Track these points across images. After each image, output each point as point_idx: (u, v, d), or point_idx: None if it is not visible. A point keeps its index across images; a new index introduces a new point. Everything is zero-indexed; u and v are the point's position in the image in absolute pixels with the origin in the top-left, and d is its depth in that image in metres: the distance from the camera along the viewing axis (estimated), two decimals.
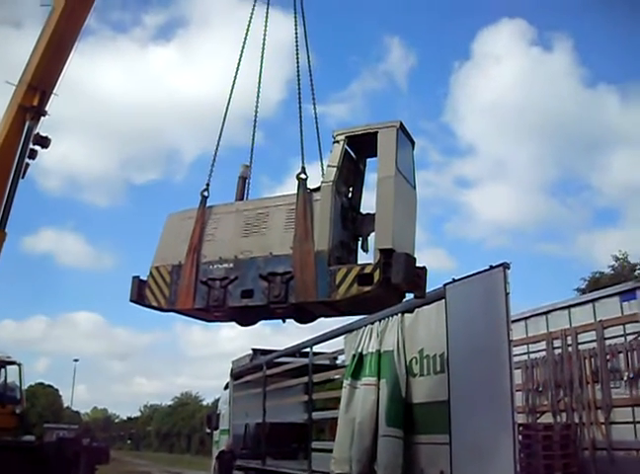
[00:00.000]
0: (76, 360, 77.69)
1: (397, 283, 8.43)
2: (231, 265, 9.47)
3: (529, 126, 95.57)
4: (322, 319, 9.96)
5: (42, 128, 15.07)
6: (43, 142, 15.26)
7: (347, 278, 8.53)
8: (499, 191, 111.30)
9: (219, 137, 10.56)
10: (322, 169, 9.77)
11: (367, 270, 8.50)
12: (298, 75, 9.97)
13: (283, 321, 9.98)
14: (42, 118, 14.93)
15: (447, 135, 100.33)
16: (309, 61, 10.25)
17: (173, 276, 9.89)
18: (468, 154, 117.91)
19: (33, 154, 15.17)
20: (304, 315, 9.78)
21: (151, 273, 10.17)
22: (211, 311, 9.72)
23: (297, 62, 10.09)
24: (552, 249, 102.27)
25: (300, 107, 9.93)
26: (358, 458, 11.10)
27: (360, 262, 9.25)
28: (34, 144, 15.03)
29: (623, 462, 10.42)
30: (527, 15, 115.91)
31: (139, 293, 10.12)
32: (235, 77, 10.66)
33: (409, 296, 10.22)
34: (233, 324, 10.37)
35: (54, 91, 14.73)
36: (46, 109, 14.81)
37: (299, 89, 9.91)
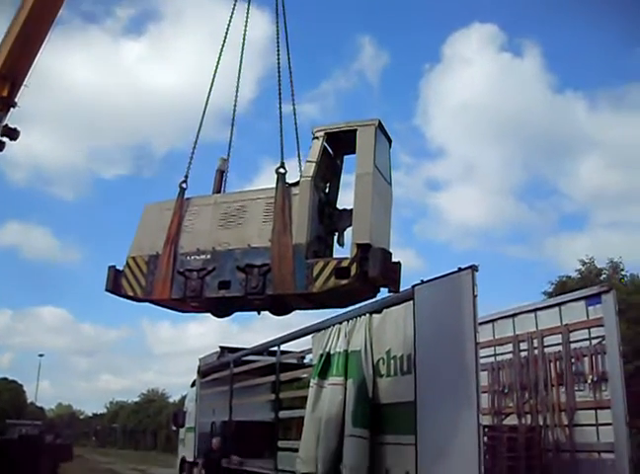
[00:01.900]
0: (41, 356, 77.01)
1: (373, 277, 8.66)
2: (209, 256, 9.63)
3: (499, 131, 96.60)
4: (290, 319, 10.04)
5: (10, 120, 14.82)
6: (12, 134, 14.98)
7: (324, 272, 8.77)
8: (468, 193, 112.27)
9: (199, 129, 10.72)
10: (300, 164, 10.05)
11: (344, 263, 8.74)
12: (279, 71, 10.18)
13: (259, 313, 10.13)
14: (12, 109, 14.68)
15: (417, 137, 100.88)
16: (289, 59, 10.44)
17: (150, 266, 10.00)
18: (438, 156, 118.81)
19: (0, 146, 14.94)
20: (280, 307, 9.95)
21: (127, 262, 10.25)
22: (188, 302, 9.87)
23: (278, 58, 10.28)
24: (520, 252, 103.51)
25: (280, 102, 10.18)
26: (323, 458, 11.09)
27: (335, 256, 9.45)
28: (2, 136, 14.78)
29: (585, 464, 10.53)
30: (499, 20, 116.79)
31: (115, 283, 10.21)
32: (215, 73, 10.77)
33: (378, 296, 10.37)
34: (201, 321, 10.52)
35: (25, 82, 14.50)
36: (16, 100, 14.57)
37: (279, 85, 10.16)
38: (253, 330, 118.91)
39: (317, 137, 9.52)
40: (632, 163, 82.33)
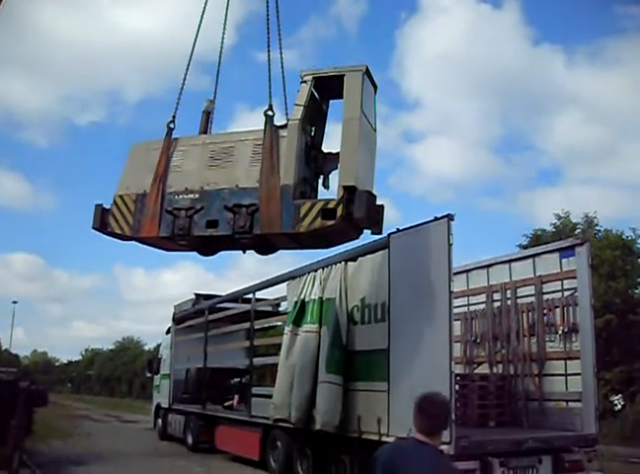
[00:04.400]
0: (15, 303, 76.41)
1: (358, 219, 8.89)
2: (197, 195, 9.79)
3: (476, 82, 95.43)
4: (265, 269, 10.17)
5: None
6: None
7: (311, 212, 9.02)
8: (444, 145, 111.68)
9: (187, 69, 10.65)
10: (286, 108, 10.08)
11: (331, 205, 8.99)
12: (267, 14, 10.04)
13: (244, 252, 10.39)
14: None
15: (394, 88, 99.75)
16: (277, 3, 10.22)
17: (137, 204, 10.13)
18: (414, 108, 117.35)
19: None
20: (266, 247, 10.21)
21: (115, 201, 10.33)
22: (176, 240, 10.02)
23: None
24: (495, 205, 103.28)
25: (269, 45, 10.08)
26: (297, 404, 11.23)
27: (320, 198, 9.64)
28: None
29: (553, 412, 10.71)
30: None
31: (102, 221, 10.32)
32: (201, 19, 10.65)
33: (353, 244, 10.44)
34: (176, 269, 10.59)
35: None
36: None
37: (268, 27, 10.04)
38: (228, 278, 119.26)
39: (305, 81, 9.61)
40: (608, 119, 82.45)
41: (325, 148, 10.21)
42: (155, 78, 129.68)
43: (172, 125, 10.45)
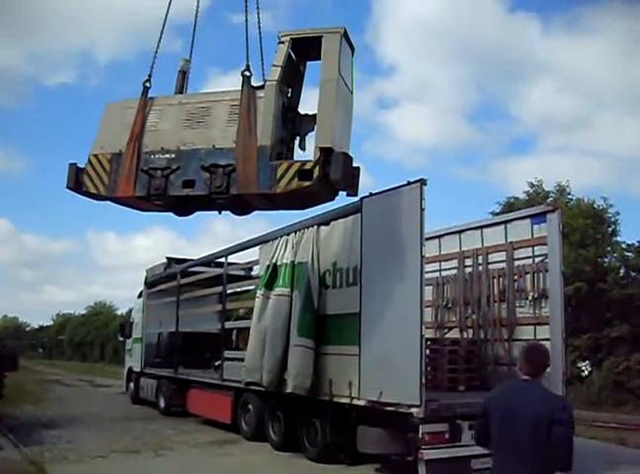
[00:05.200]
0: None
1: (335, 180, 8.95)
2: (173, 155, 9.75)
3: (452, 49, 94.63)
4: (239, 232, 10.17)
5: None
6: None
7: (287, 173, 9.03)
8: (419, 112, 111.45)
9: (164, 22, 10.50)
10: (262, 69, 9.93)
11: (308, 166, 9.01)
12: None
13: (220, 212, 10.34)
14: None
15: (368, 53, 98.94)
16: None
17: (113, 164, 10.04)
18: (389, 74, 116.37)
19: None
20: (242, 207, 10.22)
21: (89, 160, 10.21)
22: (152, 200, 9.95)
23: None
24: (469, 173, 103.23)
25: (246, 5, 9.95)
26: (269, 367, 11.27)
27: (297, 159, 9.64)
28: None
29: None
30: None
31: (76, 180, 10.19)
32: None
33: (325, 208, 10.43)
34: (148, 233, 10.53)
35: None
36: None
37: None
38: (200, 243, 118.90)
39: (283, 42, 9.53)
40: (583, 88, 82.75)
41: (301, 111, 10.17)
42: (127, 40, 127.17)
43: (148, 84, 10.32)
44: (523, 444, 3.99)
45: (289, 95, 10.06)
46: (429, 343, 11.04)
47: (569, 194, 26.96)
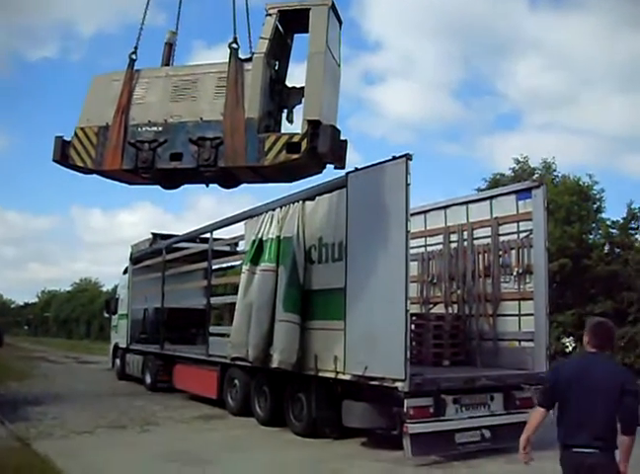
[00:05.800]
0: None
1: (323, 153, 9.01)
2: (160, 128, 9.75)
3: (438, 24, 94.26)
4: (222, 208, 10.17)
5: None
6: None
7: (275, 146, 9.08)
8: (405, 87, 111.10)
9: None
10: (249, 41, 10.04)
11: (295, 138, 9.06)
12: None
13: (207, 185, 10.41)
14: None
15: (355, 28, 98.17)
16: None
17: (100, 137, 10.02)
18: (375, 49, 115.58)
19: None
20: (230, 180, 10.29)
21: (76, 133, 10.19)
22: (139, 173, 9.96)
23: None
24: (454, 149, 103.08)
25: None
26: (254, 342, 11.28)
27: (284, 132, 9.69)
28: None
29: (506, 351, 10.95)
30: None
31: (63, 153, 10.17)
32: None
33: (311, 182, 10.42)
34: (133, 209, 10.50)
35: None
36: None
37: None
38: (186, 219, 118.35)
39: (270, 14, 9.51)
40: (568, 65, 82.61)
41: (288, 84, 10.18)
42: (109, 14, 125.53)
43: (134, 56, 10.26)
44: (594, 411, 4.41)
45: (277, 67, 10.04)
46: (414, 318, 11.10)
47: (555, 170, 26.94)
